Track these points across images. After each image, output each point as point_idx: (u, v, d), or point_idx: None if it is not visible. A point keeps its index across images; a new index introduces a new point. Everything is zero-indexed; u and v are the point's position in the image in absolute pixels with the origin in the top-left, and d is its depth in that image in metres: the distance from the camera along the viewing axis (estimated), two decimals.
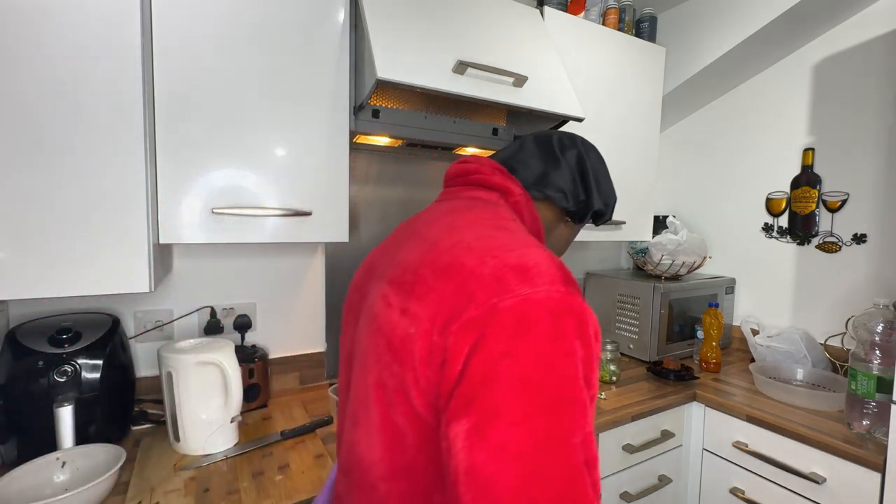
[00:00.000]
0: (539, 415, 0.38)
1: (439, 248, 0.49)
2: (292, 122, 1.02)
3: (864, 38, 1.45)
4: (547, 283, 0.42)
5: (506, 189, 0.62)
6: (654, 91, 1.67)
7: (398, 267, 0.52)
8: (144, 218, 0.84)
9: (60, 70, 0.76)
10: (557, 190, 0.66)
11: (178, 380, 0.96)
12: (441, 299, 0.44)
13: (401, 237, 0.60)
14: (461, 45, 1.08)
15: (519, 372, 0.39)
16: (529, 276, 0.42)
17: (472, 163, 0.67)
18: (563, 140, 0.70)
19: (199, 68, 0.92)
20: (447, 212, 0.58)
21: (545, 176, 0.66)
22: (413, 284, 0.48)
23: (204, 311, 1.26)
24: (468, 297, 0.42)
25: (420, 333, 0.44)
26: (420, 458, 0.45)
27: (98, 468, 0.84)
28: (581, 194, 0.68)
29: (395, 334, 0.46)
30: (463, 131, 1.31)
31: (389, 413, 0.47)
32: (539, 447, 0.38)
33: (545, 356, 0.40)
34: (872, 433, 1.09)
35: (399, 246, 0.57)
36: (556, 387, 0.39)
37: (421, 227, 0.57)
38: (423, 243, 0.52)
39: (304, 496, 0.85)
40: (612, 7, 1.60)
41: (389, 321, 0.48)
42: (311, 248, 1.42)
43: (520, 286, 0.42)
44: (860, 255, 1.46)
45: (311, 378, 1.42)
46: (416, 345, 0.44)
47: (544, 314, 0.41)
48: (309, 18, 1.02)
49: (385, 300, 0.50)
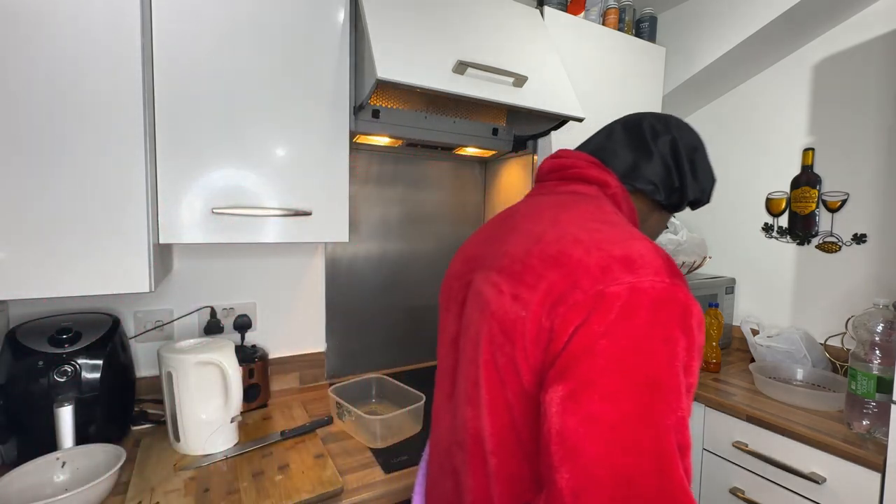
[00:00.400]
0: (631, 392, 0.41)
1: (546, 240, 0.53)
2: (292, 121, 1.02)
3: (864, 38, 1.45)
4: (651, 273, 0.45)
5: (603, 182, 0.63)
6: (654, 91, 1.67)
7: (505, 257, 0.56)
8: (144, 218, 0.84)
9: (61, 70, 0.76)
10: (648, 182, 0.65)
11: (178, 380, 0.96)
12: (550, 286, 0.48)
13: (501, 231, 0.64)
14: (461, 45, 1.08)
15: (617, 351, 0.42)
16: (634, 267, 0.45)
17: (566, 157, 0.67)
18: (654, 126, 0.67)
19: (199, 68, 0.92)
20: (549, 206, 0.60)
21: (636, 168, 0.65)
22: (522, 273, 0.52)
23: (204, 311, 1.26)
24: (574, 284, 0.46)
25: (530, 316, 0.48)
26: (525, 432, 0.50)
27: (98, 468, 0.83)
28: (675, 182, 0.66)
29: (507, 318, 0.50)
30: (463, 131, 1.31)
31: (501, 390, 0.51)
32: (627, 421, 0.41)
33: (643, 340, 0.42)
34: (872, 433, 1.09)
35: (502, 239, 0.61)
36: (651, 369, 0.42)
37: (522, 222, 0.61)
38: (529, 236, 0.56)
39: (304, 496, 0.85)
40: (612, 7, 1.59)
41: (501, 306, 0.52)
42: (311, 248, 1.42)
43: (624, 275, 0.45)
44: (860, 255, 1.46)
45: (311, 378, 1.42)
46: (526, 326, 0.48)
47: (646, 302, 0.43)
48: (309, 18, 1.02)
49: (496, 287, 0.54)
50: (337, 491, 0.88)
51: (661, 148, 0.66)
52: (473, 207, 1.72)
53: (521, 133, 1.38)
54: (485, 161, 1.68)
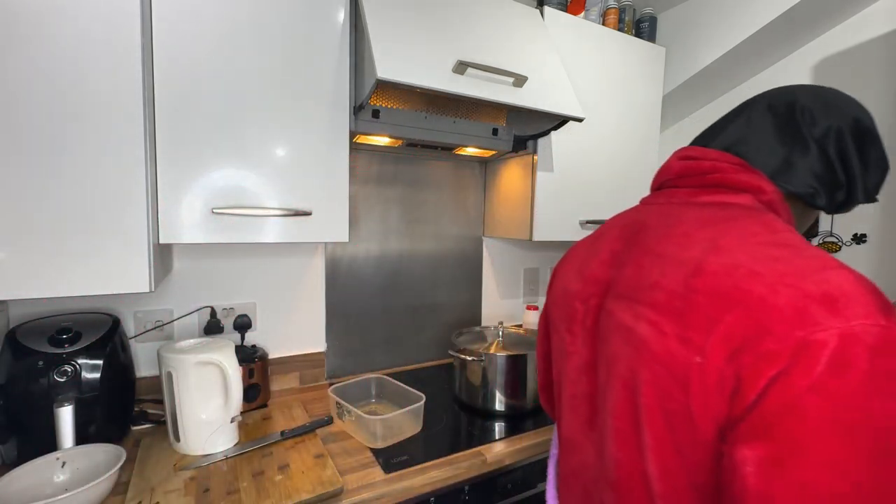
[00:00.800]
0: (860, 462, 0.36)
1: (708, 271, 0.46)
2: (292, 121, 1.02)
3: (864, 38, 1.45)
4: (862, 315, 0.38)
5: (757, 188, 0.52)
6: (654, 91, 1.67)
7: (657, 291, 0.49)
8: (144, 218, 0.84)
9: (61, 70, 0.76)
10: (806, 185, 0.53)
11: (178, 380, 0.96)
12: (728, 330, 0.42)
13: (633, 252, 0.56)
14: (461, 45, 1.08)
15: (830, 412, 0.36)
16: (838, 308, 0.38)
17: (702, 157, 0.57)
18: (812, 112, 0.54)
19: (199, 68, 0.92)
20: (696, 225, 0.51)
21: (789, 166, 0.54)
22: (686, 312, 0.46)
23: (204, 311, 1.26)
24: (762, 329, 0.40)
25: (708, 364, 0.42)
26: (701, 476, 0.45)
27: (98, 468, 0.84)
28: (841, 179, 0.54)
29: (677, 363, 0.45)
30: (463, 131, 1.31)
31: (669, 435, 0.47)
32: (859, 494, 0.36)
33: (863, 398, 0.36)
34: None
35: (638, 263, 0.54)
36: (880, 434, 0.36)
37: (662, 244, 0.52)
38: (682, 265, 0.48)
39: (304, 496, 0.85)
40: (612, 7, 1.60)
41: (667, 349, 0.46)
42: (311, 248, 1.42)
43: (828, 319, 0.38)
44: (860, 255, 1.46)
45: (311, 378, 1.42)
46: (704, 374, 0.43)
47: (862, 352, 0.36)
48: (309, 18, 1.02)
49: (655, 327, 0.48)
50: (337, 491, 0.88)
51: (821, 138, 0.53)
52: (473, 207, 1.72)
53: (521, 133, 1.38)
54: (485, 161, 1.69)
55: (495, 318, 1.82)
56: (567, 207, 1.49)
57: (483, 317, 1.79)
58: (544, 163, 1.42)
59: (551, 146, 1.42)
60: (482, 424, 1.20)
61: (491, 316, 1.81)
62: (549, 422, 1.20)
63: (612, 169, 1.57)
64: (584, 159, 1.50)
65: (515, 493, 1.10)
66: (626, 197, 1.63)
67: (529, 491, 1.12)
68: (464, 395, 1.30)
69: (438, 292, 1.67)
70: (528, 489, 1.12)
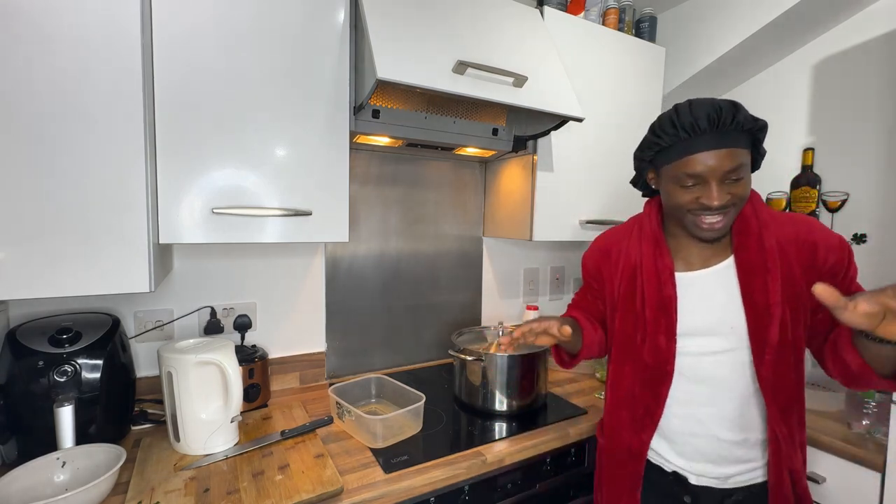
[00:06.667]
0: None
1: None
2: (292, 121, 1.02)
3: (864, 38, 1.45)
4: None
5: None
6: (654, 91, 1.67)
7: None
8: (144, 218, 0.84)
9: (61, 70, 0.76)
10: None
11: (178, 380, 0.96)
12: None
13: None
14: (461, 45, 1.08)
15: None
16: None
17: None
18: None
19: (200, 68, 0.92)
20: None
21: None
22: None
23: (204, 311, 1.26)
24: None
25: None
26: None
27: (98, 468, 0.84)
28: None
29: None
30: (463, 131, 1.31)
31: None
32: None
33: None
34: (872, 433, 1.09)
35: None
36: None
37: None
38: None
39: (304, 496, 0.85)
40: (612, 7, 1.59)
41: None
42: (311, 248, 1.42)
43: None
44: (860, 255, 1.46)
45: (311, 378, 1.42)
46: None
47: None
48: (309, 18, 1.02)
49: None
50: (337, 491, 0.88)
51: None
52: (473, 207, 1.72)
53: (521, 133, 1.38)
54: (485, 161, 1.68)
55: (495, 318, 1.82)
56: (567, 207, 1.49)
57: (483, 317, 1.79)
58: (544, 163, 1.42)
59: (551, 146, 1.42)
60: (482, 424, 1.20)
61: (491, 316, 1.81)
62: (548, 421, 1.20)
63: (612, 169, 1.57)
64: (585, 159, 1.50)
65: (515, 493, 1.10)
66: (627, 197, 1.62)
67: (529, 491, 1.12)
68: (464, 395, 1.30)
69: (438, 292, 1.67)
70: (528, 489, 1.12)
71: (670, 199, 0.83)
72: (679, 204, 0.81)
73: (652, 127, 0.83)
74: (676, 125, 0.77)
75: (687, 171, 0.77)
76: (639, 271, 0.90)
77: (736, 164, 0.75)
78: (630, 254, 0.93)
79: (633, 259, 0.92)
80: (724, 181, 0.77)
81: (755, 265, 0.82)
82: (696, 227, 0.81)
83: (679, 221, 0.85)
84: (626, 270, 0.93)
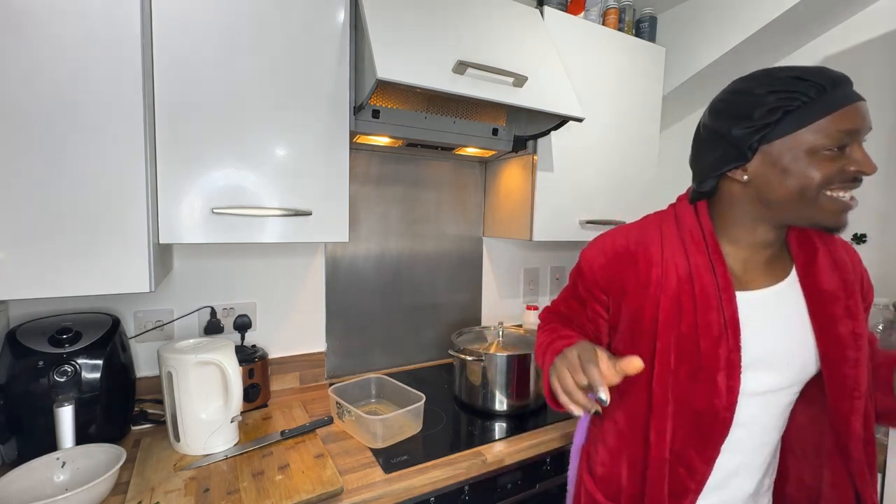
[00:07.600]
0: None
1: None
2: (292, 121, 1.02)
3: (864, 39, 1.45)
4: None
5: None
6: (654, 91, 1.67)
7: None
8: (144, 218, 0.84)
9: (61, 70, 0.76)
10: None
11: (178, 380, 0.96)
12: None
13: None
14: (461, 45, 1.08)
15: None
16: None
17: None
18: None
19: (199, 68, 0.92)
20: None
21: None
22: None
23: (204, 311, 1.26)
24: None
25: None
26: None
27: (98, 468, 0.83)
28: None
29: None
30: (463, 131, 1.31)
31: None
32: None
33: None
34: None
35: None
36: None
37: None
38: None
39: (304, 496, 0.85)
40: (612, 7, 1.59)
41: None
42: (311, 248, 1.42)
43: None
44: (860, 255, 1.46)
45: (311, 378, 1.42)
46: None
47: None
48: (309, 18, 1.02)
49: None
50: (337, 491, 0.88)
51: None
52: (473, 207, 1.72)
53: (521, 133, 1.38)
54: (485, 161, 1.68)
55: (495, 318, 1.82)
56: (567, 207, 1.49)
57: (483, 317, 1.79)
58: (544, 163, 1.42)
59: (551, 146, 1.42)
60: (482, 424, 1.20)
61: (491, 316, 1.81)
62: (548, 422, 1.20)
63: (613, 169, 1.57)
64: (585, 159, 1.50)
65: (515, 493, 1.10)
66: (626, 197, 1.63)
67: (529, 491, 1.12)
68: (464, 395, 1.30)
69: (438, 292, 1.67)
70: (528, 489, 1.12)
71: (795, 181, 0.62)
72: (817, 181, 0.60)
73: (768, 86, 0.62)
74: (812, 77, 0.59)
75: (842, 127, 0.59)
76: (687, 287, 0.69)
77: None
78: (677, 264, 0.71)
79: (681, 271, 0.70)
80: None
81: (832, 286, 0.68)
82: (837, 210, 0.62)
83: (794, 212, 0.64)
84: (668, 285, 0.70)
